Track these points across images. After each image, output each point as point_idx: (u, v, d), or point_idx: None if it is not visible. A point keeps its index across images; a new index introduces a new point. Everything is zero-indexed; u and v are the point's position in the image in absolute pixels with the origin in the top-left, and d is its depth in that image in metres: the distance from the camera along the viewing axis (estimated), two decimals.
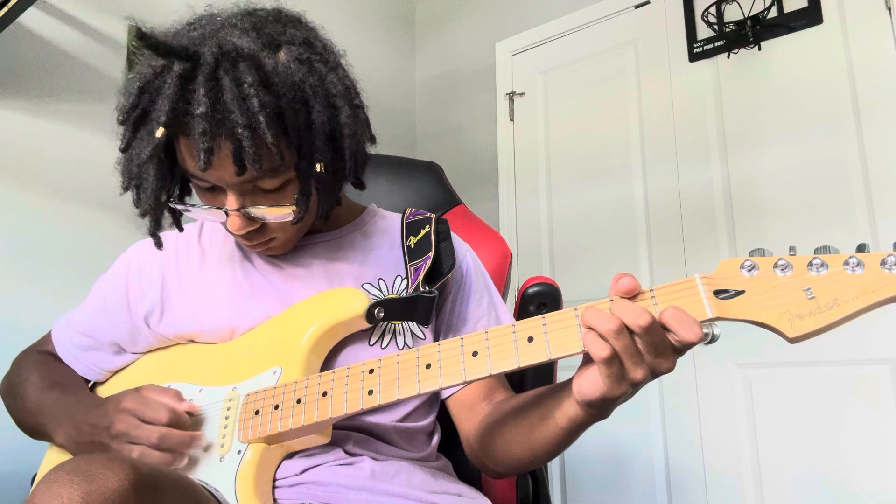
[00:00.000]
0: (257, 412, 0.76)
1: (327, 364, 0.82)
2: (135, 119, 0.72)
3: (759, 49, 2.19)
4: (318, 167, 0.75)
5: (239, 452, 0.75)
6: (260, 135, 0.69)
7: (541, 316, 0.63)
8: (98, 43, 1.86)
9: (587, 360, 0.63)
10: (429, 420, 0.91)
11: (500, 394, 0.86)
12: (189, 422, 0.78)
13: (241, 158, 0.70)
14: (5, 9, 1.49)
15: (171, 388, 0.81)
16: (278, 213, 0.78)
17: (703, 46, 2.31)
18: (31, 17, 1.70)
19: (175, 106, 0.68)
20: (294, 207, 0.77)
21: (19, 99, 1.69)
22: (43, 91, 1.74)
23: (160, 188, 0.77)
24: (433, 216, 0.97)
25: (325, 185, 0.79)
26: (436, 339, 0.89)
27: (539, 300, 1.09)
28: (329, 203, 0.82)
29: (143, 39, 0.67)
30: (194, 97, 0.68)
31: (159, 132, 0.69)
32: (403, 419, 0.86)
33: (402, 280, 0.89)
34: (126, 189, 0.78)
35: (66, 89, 1.79)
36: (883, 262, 0.53)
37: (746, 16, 2.19)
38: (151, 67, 0.71)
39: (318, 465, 0.79)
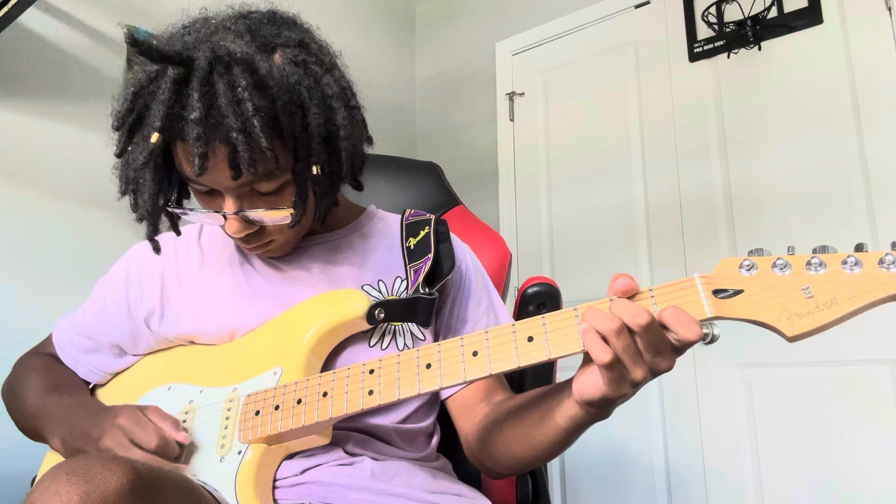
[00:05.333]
0: (258, 413, 0.76)
1: (327, 365, 0.82)
2: (130, 124, 0.72)
3: (759, 49, 2.19)
4: (314, 170, 0.75)
5: (239, 453, 0.75)
6: (255, 139, 0.68)
7: (540, 316, 0.63)
8: (98, 43, 1.86)
9: (587, 359, 0.63)
10: (429, 421, 0.91)
11: (500, 394, 0.86)
12: (177, 452, 0.77)
13: (236, 162, 0.70)
14: (5, 9, 1.50)
15: (171, 415, 0.79)
16: (276, 216, 0.78)
17: (703, 46, 2.31)
18: (31, 17, 1.70)
19: (169, 111, 0.68)
20: (292, 210, 0.77)
21: (19, 99, 1.69)
22: (43, 91, 1.74)
23: (157, 193, 0.76)
24: (432, 217, 0.97)
25: (323, 188, 0.78)
26: (435, 340, 0.89)
27: (539, 300, 1.09)
28: (327, 205, 0.82)
29: (137, 46, 0.67)
30: (188, 102, 0.68)
31: (154, 137, 0.69)
32: (404, 420, 0.86)
33: (402, 281, 0.89)
34: (123, 194, 0.78)
35: (66, 89, 1.79)
36: (881, 262, 0.53)
37: (746, 16, 2.19)
38: (146, 72, 0.71)
39: (318, 466, 0.79)
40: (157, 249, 0.82)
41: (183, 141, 0.71)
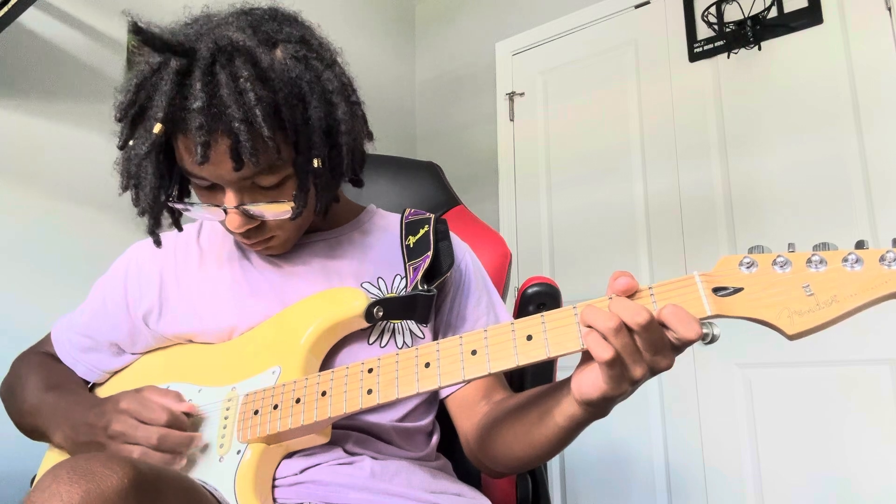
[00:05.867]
0: (256, 412, 0.76)
1: (326, 363, 0.82)
2: (132, 116, 0.72)
3: (759, 49, 2.19)
4: (315, 163, 0.75)
5: (238, 452, 0.75)
6: (257, 129, 0.69)
7: (540, 314, 0.63)
8: (98, 43, 1.86)
9: (586, 358, 0.63)
10: (428, 420, 0.91)
11: (499, 393, 0.86)
12: (187, 423, 0.78)
13: (237, 153, 0.70)
14: (5, 9, 1.49)
15: (170, 390, 0.81)
16: (277, 210, 0.78)
17: (703, 46, 2.31)
18: (31, 17, 1.70)
19: (172, 102, 0.69)
20: (292, 204, 0.77)
21: (19, 99, 1.69)
22: (43, 91, 1.74)
23: (159, 186, 0.77)
24: (432, 216, 0.97)
25: (324, 182, 0.79)
26: (434, 338, 0.89)
27: (539, 300, 1.09)
28: (327, 199, 0.82)
29: (140, 34, 0.67)
30: (191, 92, 0.68)
31: (157, 128, 0.69)
32: (402, 419, 0.86)
33: (401, 279, 0.89)
34: (125, 189, 0.78)
35: (66, 89, 1.79)
36: (882, 259, 0.53)
37: (746, 16, 2.19)
38: (148, 64, 0.71)
39: (317, 465, 0.79)
40: (158, 243, 0.82)
41: (185, 133, 0.71)
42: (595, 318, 0.57)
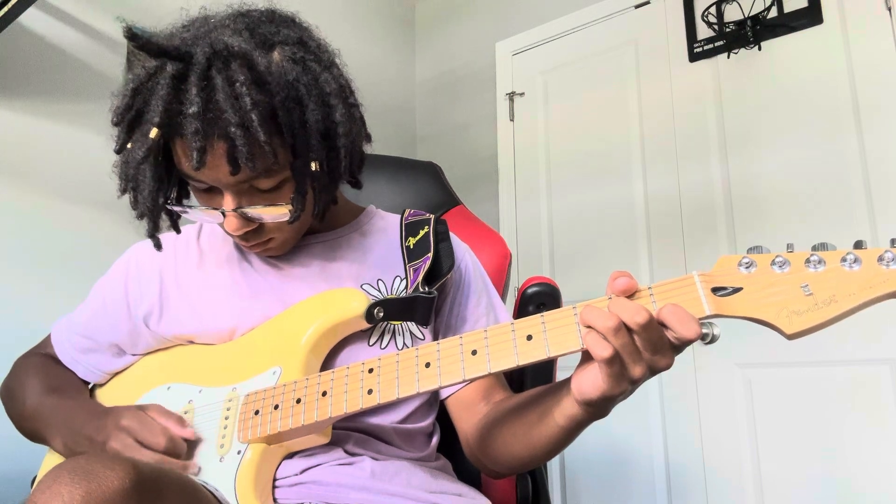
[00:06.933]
0: (257, 412, 0.76)
1: (327, 364, 0.82)
2: (129, 120, 0.72)
3: (759, 49, 2.19)
4: (313, 166, 0.75)
5: (239, 452, 0.75)
6: (253, 133, 0.68)
7: (540, 314, 0.63)
8: (98, 43, 1.86)
9: (585, 358, 0.63)
10: (428, 421, 0.91)
11: (499, 394, 0.86)
12: (185, 449, 0.77)
13: (234, 157, 0.70)
14: (5, 9, 1.50)
15: (173, 412, 0.80)
16: (275, 213, 0.78)
17: (703, 46, 2.31)
18: (31, 17, 1.70)
19: (168, 106, 0.68)
20: (290, 207, 0.77)
21: (19, 99, 1.69)
22: (43, 91, 1.74)
23: (157, 190, 0.77)
24: (432, 217, 0.97)
25: (322, 184, 0.78)
26: (435, 339, 0.89)
27: (538, 300, 1.09)
28: (325, 202, 0.82)
29: (135, 40, 0.67)
30: (187, 97, 0.68)
31: (153, 133, 0.69)
32: (403, 420, 0.86)
33: (401, 280, 0.89)
34: (123, 192, 0.78)
35: (66, 89, 1.79)
36: (880, 259, 0.53)
37: (746, 16, 2.19)
38: (145, 69, 0.71)
39: (318, 465, 0.79)
40: (158, 246, 0.82)
41: (182, 137, 0.71)
42: (594, 318, 0.57)
